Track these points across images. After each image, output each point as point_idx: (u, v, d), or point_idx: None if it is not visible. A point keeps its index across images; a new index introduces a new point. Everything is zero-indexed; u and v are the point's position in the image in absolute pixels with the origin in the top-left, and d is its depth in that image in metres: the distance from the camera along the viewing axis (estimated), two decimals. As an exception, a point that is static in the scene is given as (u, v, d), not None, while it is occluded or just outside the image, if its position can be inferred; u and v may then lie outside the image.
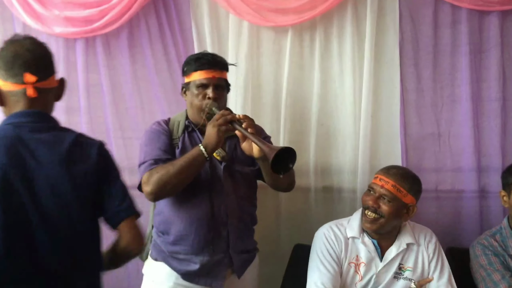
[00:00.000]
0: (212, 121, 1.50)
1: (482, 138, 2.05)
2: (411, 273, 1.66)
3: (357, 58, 2.08)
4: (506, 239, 1.75)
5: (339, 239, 1.68)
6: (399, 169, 1.68)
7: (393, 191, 1.59)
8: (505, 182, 1.75)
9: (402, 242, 1.67)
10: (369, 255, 1.65)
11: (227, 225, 1.64)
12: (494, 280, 1.68)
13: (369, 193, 1.66)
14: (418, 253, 1.69)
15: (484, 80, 2.03)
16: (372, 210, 1.61)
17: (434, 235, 1.74)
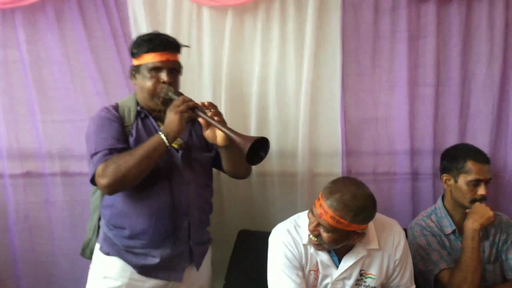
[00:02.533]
0: (173, 108, 1.45)
1: (417, 122, 2.17)
2: (373, 280, 1.60)
3: (299, 41, 2.11)
4: (441, 219, 1.89)
5: (299, 245, 1.58)
6: (345, 193, 1.43)
7: (333, 223, 1.42)
8: (451, 166, 1.87)
9: (363, 248, 1.57)
10: (324, 264, 1.58)
11: (188, 216, 1.61)
12: (433, 259, 1.80)
13: (312, 214, 1.51)
14: (383, 259, 1.60)
15: (420, 66, 2.15)
16: (314, 235, 1.50)
17: (402, 236, 1.64)
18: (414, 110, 2.17)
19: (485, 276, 1.84)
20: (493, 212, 1.77)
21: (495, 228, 1.89)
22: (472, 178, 1.80)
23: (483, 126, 2.20)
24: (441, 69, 2.17)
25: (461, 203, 1.84)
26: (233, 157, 1.62)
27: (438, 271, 1.77)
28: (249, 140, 1.33)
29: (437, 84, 2.16)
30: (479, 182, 1.80)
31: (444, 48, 2.16)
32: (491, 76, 2.17)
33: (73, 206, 2.12)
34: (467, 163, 1.82)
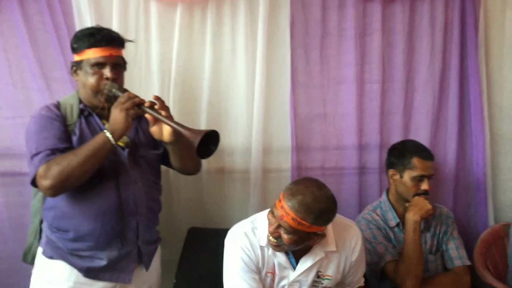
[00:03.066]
0: (118, 105, 1.41)
1: (364, 118, 2.23)
2: (330, 281, 1.62)
3: (250, 37, 2.12)
4: (386, 212, 1.96)
5: (255, 247, 1.56)
6: (306, 194, 1.41)
7: (294, 225, 1.41)
8: (397, 162, 1.94)
9: (321, 250, 1.57)
10: (282, 266, 1.58)
11: (136, 215, 1.58)
12: (378, 252, 1.86)
13: (272, 215, 1.48)
14: (340, 261, 1.62)
15: (366, 63, 2.21)
16: (273, 236, 1.48)
17: (360, 238, 1.65)
18: (361, 106, 2.23)
19: (428, 266, 1.92)
20: (432, 205, 1.85)
21: (436, 220, 1.98)
22: (417, 174, 1.88)
23: (425, 122, 2.29)
24: (386, 67, 2.24)
25: (405, 197, 1.92)
26: (181, 153, 1.60)
27: (384, 263, 1.84)
28: (199, 134, 1.31)
29: (383, 81, 2.23)
30: (423, 177, 1.89)
31: (389, 46, 2.23)
32: (432, 74, 2.26)
33: (13, 208, 2.03)
34: (413, 159, 1.90)
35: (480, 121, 2.25)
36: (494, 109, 2.34)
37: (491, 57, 2.32)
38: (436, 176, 2.27)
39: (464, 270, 1.93)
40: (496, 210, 2.36)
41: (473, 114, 2.26)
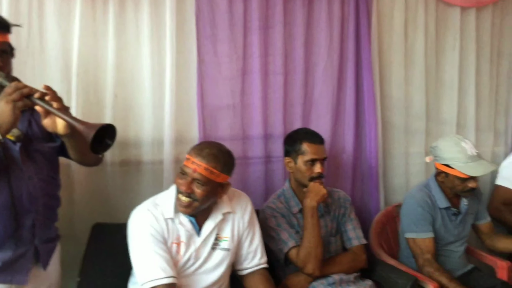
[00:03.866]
0: (4, 96, 1.29)
1: (269, 109, 2.32)
2: (227, 242, 1.75)
3: (155, 26, 2.10)
4: (289, 199, 2.06)
5: (160, 220, 1.65)
6: (211, 148, 1.64)
7: (207, 174, 1.59)
8: (290, 149, 2.03)
9: (219, 213, 1.73)
10: (188, 234, 1.67)
11: (32, 213, 1.50)
12: (282, 239, 1.94)
13: (182, 176, 1.63)
14: (234, 222, 1.78)
15: (270, 55, 2.28)
16: (185, 195, 1.60)
17: (249, 202, 1.85)
18: (266, 98, 2.30)
19: (329, 248, 2.05)
20: (328, 189, 1.98)
21: (335, 203, 2.12)
22: (308, 158, 1.99)
23: (325, 113, 2.42)
24: (288, 59, 2.33)
25: (302, 182, 2.02)
26: (78, 146, 1.53)
27: (287, 249, 1.92)
28: (93, 128, 1.24)
29: (285, 72, 2.32)
30: (315, 161, 1.99)
31: (291, 39, 2.33)
32: (331, 66, 2.40)
33: None
34: (303, 144, 2.00)
35: (373, 111, 2.44)
36: (386, 99, 2.55)
37: (383, 52, 2.53)
38: (335, 161, 2.45)
39: (361, 249, 2.09)
40: (388, 193, 2.60)
41: (367, 104, 2.44)
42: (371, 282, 2.03)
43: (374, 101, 2.45)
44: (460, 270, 2.26)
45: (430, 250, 2.11)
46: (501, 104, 2.85)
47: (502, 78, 2.85)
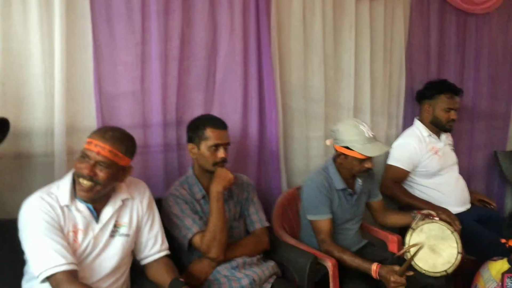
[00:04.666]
0: None
1: (169, 96, 2.29)
2: (126, 228, 1.77)
3: (44, 8, 1.98)
4: (192, 186, 2.07)
5: (55, 207, 1.62)
6: (114, 131, 1.68)
7: (111, 156, 1.61)
8: (193, 135, 2.04)
9: (117, 199, 1.75)
10: (85, 221, 1.67)
11: None
12: (186, 225, 1.96)
13: (83, 160, 1.62)
14: (133, 208, 1.80)
15: (170, 40, 2.25)
16: (87, 178, 1.60)
17: (147, 189, 1.88)
18: (166, 84, 2.27)
19: (233, 232, 2.09)
20: (233, 174, 2.03)
21: (238, 188, 2.17)
22: (211, 143, 2.01)
23: (229, 98, 2.45)
24: (189, 44, 2.32)
25: (206, 167, 2.04)
26: None
27: (191, 235, 1.95)
28: None
29: (186, 58, 2.32)
30: (218, 146, 2.03)
31: (191, 24, 2.31)
32: (233, 52, 2.42)
33: None
34: (206, 130, 2.02)
35: (273, 96, 2.52)
36: (286, 85, 2.64)
37: (282, 39, 2.60)
38: (240, 147, 2.50)
39: (263, 231, 2.17)
40: (290, 176, 2.71)
41: (267, 90, 2.51)
42: (273, 263, 2.12)
43: (274, 86, 2.52)
44: (355, 245, 2.43)
45: (327, 230, 2.25)
46: (393, 90, 3.07)
47: (394, 65, 3.06)
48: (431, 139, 2.87)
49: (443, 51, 3.27)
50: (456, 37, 3.31)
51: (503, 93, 3.59)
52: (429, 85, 2.96)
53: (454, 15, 3.27)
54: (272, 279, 2.05)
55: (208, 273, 1.98)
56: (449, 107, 2.83)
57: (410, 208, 2.52)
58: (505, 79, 3.58)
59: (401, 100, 3.10)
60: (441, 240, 2.13)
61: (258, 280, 1.98)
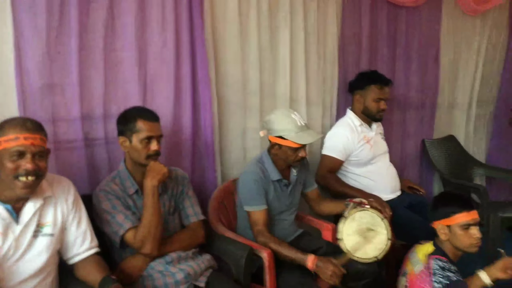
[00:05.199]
0: None
1: (93, 88, 2.21)
2: (50, 227, 1.70)
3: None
4: (124, 181, 2.01)
5: None
6: (27, 119, 1.63)
7: (42, 143, 1.61)
8: (125, 128, 1.98)
9: (39, 197, 1.67)
10: (4, 223, 1.59)
11: None
12: (118, 221, 1.91)
13: (17, 158, 1.55)
14: (57, 206, 1.73)
15: (93, 31, 2.16)
16: (32, 173, 1.56)
17: (72, 185, 1.81)
18: (90, 76, 2.19)
19: (167, 227, 2.07)
20: (167, 168, 2.00)
21: (172, 182, 2.14)
22: (144, 136, 1.96)
23: (162, 90, 2.41)
24: (117, 35, 2.25)
25: (138, 161, 1.99)
26: None
27: (123, 231, 1.90)
28: None
29: (115, 49, 2.24)
30: (150, 139, 1.98)
31: (119, 14, 2.23)
32: (165, 43, 2.37)
33: None
34: (137, 122, 1.96)
35: (207, 88, 2.49)
36: (222, 76, 2.63)
37: (217, 29, 2.58)
38: (175, 140, 2.47)
39: (199, 224, 2.16)
40: (226, 168, 2.71)
41: (201, 81, 2.49)
42: (209, 256, 2.12)
43: (208, 78, 2.49)
44: (291, 235, 2.48)
45: (263, 221, 2.27)
46: (327, 81, 3.14)
47: (328, 57, 3.12)
48: (363, 129, 2.96)
49: (375, 43, 3.37)
50: (387, 30, 3.42)
51: (430, 85, 3.76)
52: (360, 76, 3.04)
53: (385, 7, 3.38)
54: (208, 273, 2.05)
55: (142, 269, 1.95)
56: (379, 97, 2.93)
57: (344, 196, 2.59)
58: (433, 71, 3.75)
59: (335, 91, 3.17)
60: (371, 227, 2.21)
61: (193, 274, 1.97)
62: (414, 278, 2.13)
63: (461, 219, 2.07)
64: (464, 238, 2.09)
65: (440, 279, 2.01)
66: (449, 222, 2.10)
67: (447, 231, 2.11)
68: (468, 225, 2.07)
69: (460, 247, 2.12)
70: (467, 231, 2.07)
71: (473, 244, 2.09)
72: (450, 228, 2.10)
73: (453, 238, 2.11)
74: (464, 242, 2.09)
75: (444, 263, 2.06)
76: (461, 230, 2.08)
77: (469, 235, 2.08)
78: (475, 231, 2.07)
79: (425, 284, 2.05)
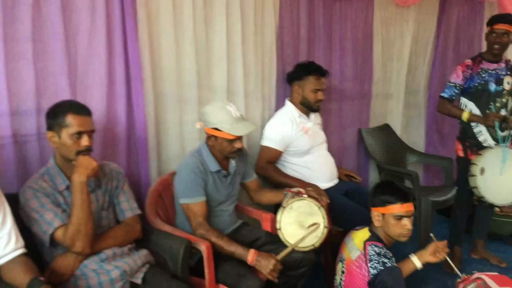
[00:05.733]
0: None
1: (22, 81, 2.11)
2: None
3: None
4: (55, 177, 1.93)
5: None
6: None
7: None
8: (53, 123, 1.89)
9: None
10: None
11: None
12: (47, 220, 1.83)
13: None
14: None
15: (16, 21, 2.05)
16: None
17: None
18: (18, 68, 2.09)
19: (101, 223, 2.02)
20: (99, 162, 1.94)
21: (106, 176, 2.09)
22: (74, 131, 1.89)
23: (93, 83, 2.33)
24: (44, 25, 2.14)
25: (68, 157, 1.92)
26: None
27: (53, 230, 1.83)
28: None
29: (39, 40, 2.13)
30: (81, 134, 1.91)
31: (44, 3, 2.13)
32: (96, 33, 2.29)
33: None
34: (67, 117, 1.89)
35: (140, 81, 2.44)
36: (157, 69, 2.58)
37: (151, 20, 2.52)
38: (109, 134, 2.40)
39: (135, 219, 2.12)
40: (164, 162, 2.67)
41: (134, 74, 2.43)
42: (146, 251, 2.09)
43: (141, 69, 2.44)
44: (231, 226, 2.49)
45: (203, 213, 2.27)
46: (266, 72, 3.15)
47: (266, 48, 3.12)
48: (302, 119, 3.01)
49: (312, 35, 3.42)
50: (324, 21, 3.46)
51: (365, 75, 3.88)
52: (298, 67, 3.08)
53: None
54: (145, 268, 2.02)
55: (74, 268, 1.89)
56: (316, 88, 2.98)
57: (284, 186, 2.63)
58: (367, 62, 3.87)
59: (273, 82, 3.19)
60: (309, 216, 2.27)
61: (129, 270, 1.94)
62: (351, 263, 2.20)
63: (395, 210, 2.16)
64: (395, 228, 2.18)
65: (376, 264, 2.09)
66: (384, 210, 2.18)
67: (381, 219, 2.20)
68: (400, 216, 2.16)
69: (390, 235, 2.21)
70: (399, 222, 2.17)
71: (402, 234, 2.18)
72: (384, 216, 2.19)
73: (386, 226, 2.20)
74: (395, 232, 2.19)
75: (380, 248, 2.15)
76: (393, 220, 2.17)
77: (401, 226, 2.17)
78: (406, 222, 2.17)
79: (362, 270, 2.13)
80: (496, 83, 3.12)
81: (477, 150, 3.15)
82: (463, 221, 3.37)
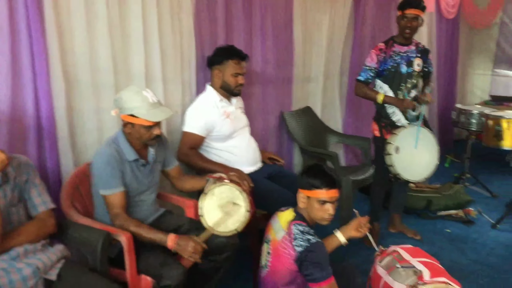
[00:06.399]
0: None
1: None
2: None
3: None
4: None
5: None
6: None
7: None
8: None
9: None
10: None
11: None
12: None
13: None
14: None
15: None
16: None
17: None
18: None
19: (11, 219, 1.92)
20: (7, 155, 1.83)
21: (15, 170, 1.97)
22: None
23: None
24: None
25: None
26: None
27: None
28: None
29: None
30: None
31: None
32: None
33: None
34: None
35: (45, 67, 2.30)
36: (68, 55, 2.44)
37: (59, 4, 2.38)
38: (18, 126, 2.27)
39: (48, 213, 2.04)
40: (81, 152, 2.56)
41: (38, 60, 2.28)
42: (62, 246, 2.02)
43: (45, 53, 2.30)
44: (152, 216, 2.46)
45: (121, 204, 2.22)
46: (185, 57, 3.09)
47: (184, 33, 3.05)
48: (223, 104, 3.01)
49: (231, 19, 3.40)
50: (242, 4, 3.45)
51: (286, 59, 3.95)
52: (217, 51, 3.06)
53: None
54: (61, 264, 1.95)
55: (-19, 269, 1.78)
56: (236, 72, 2.99)
57: (208, 172, 2.63)
58: (288, 46, 3.93)
59: (193, 67, 3.15)
60: (231, 201, 2.28)
61: (43, 267, 1.86)
62: (277, 244, 2.25)
63: (319, 195, 2.22)
64: (318, 212, 2.25)
65: (301, 242, 2.15)
66: (309, 194, 2.24)
67: (306, 201, 2.26)
68: (324, 201, 2.23)
69: (312, 217, 2.28)
70: (323, 206, 2.24)
71: (324, 218, 2.26)
72: (309, 199, 2.25)
73: (309, 208, 2.26)
74: (317, 215, 2.26)
75: (304, 227, 2.21)
76: (317, 204, 2.23)
77: (324, 210, 2.24)
78: (329, 207, 2.24)
79: (288, 249, 2.18)
80: (407, 65, 3.30)
81: (392, 130, 3.32)
82: (380, 198, 3.57)
